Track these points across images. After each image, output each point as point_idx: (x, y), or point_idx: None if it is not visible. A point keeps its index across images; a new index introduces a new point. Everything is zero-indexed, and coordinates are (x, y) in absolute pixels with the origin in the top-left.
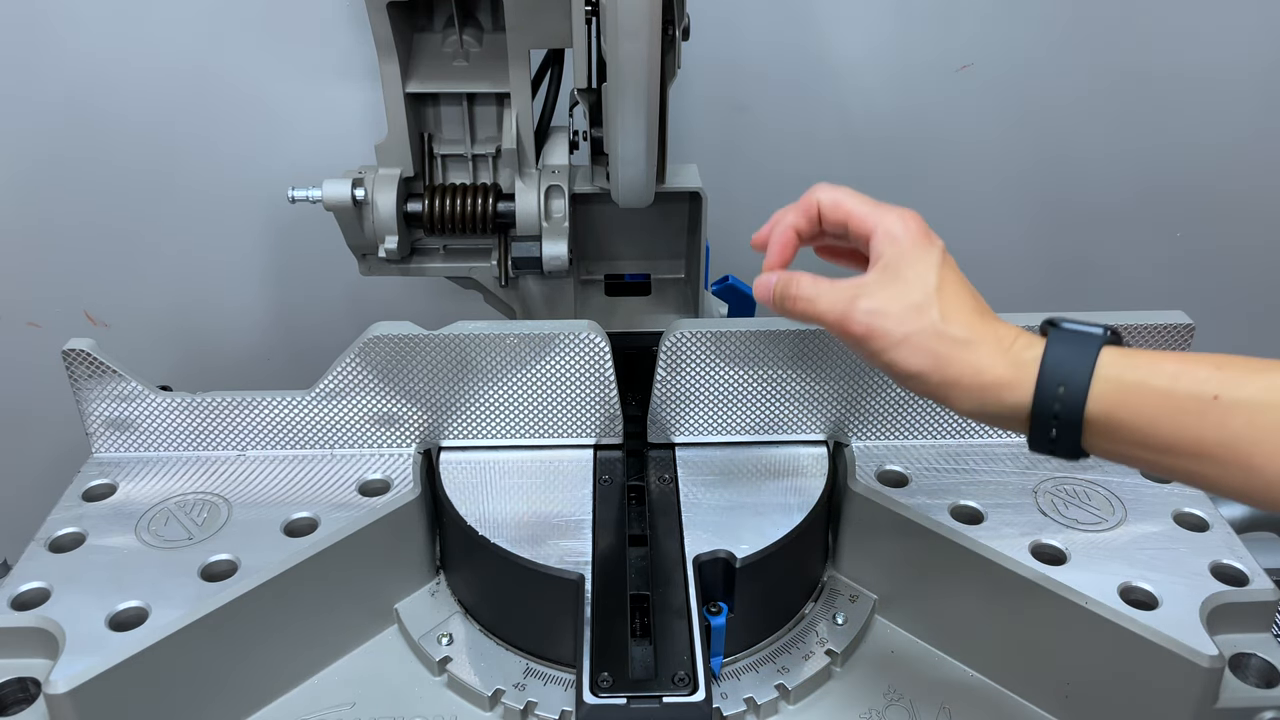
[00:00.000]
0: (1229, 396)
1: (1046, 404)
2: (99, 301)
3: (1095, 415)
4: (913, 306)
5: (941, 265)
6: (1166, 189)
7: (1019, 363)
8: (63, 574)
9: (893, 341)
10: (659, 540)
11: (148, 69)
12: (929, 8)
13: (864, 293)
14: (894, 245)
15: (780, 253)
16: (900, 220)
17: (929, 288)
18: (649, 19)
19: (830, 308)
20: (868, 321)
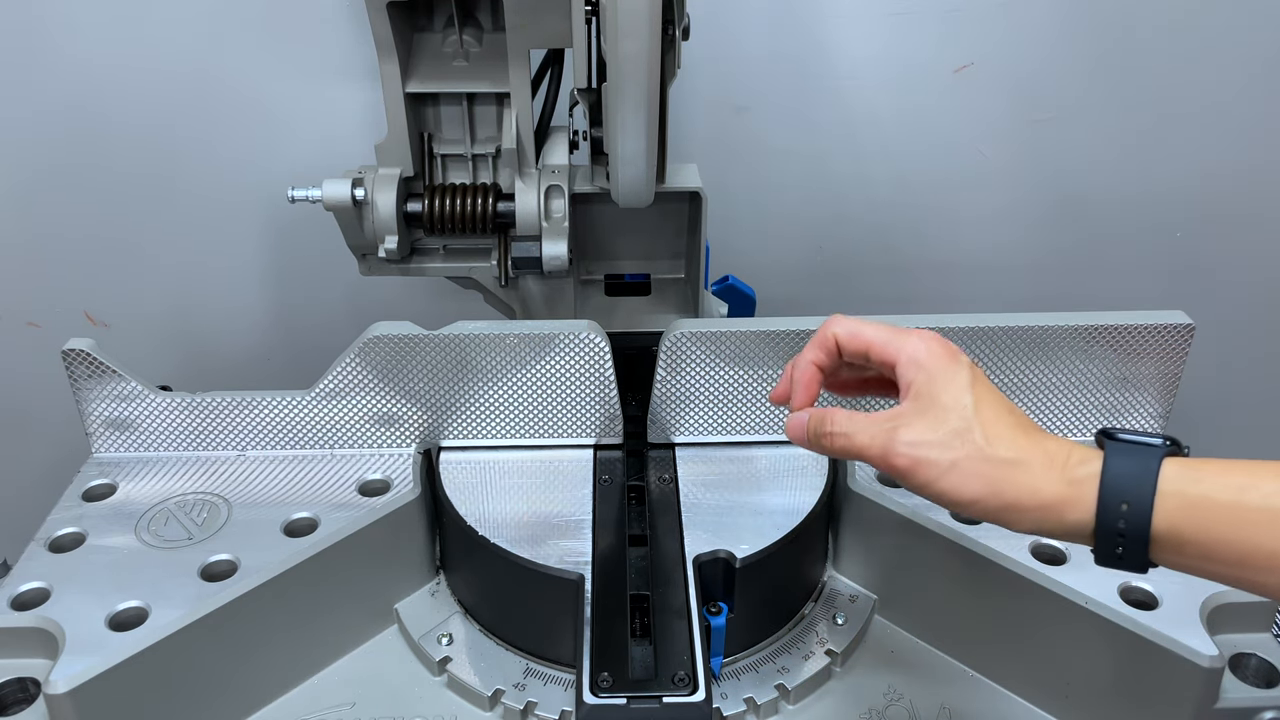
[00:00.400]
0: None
1: (1110, 522)
2: (99, 302)
3: (1161, 531)
4: (954, 432)
5: (973, 384)
6: (1166, 189)
7: (1076, 480)
8: (63, 574)
9: (941, 470)
10: (659, 540)
11: (148, 69)
12: (929, 8)
13: (902, 423)
14: (921, 370)
15: (805, 391)
16: (923, 343)
17: (966, 410)
18: (649, 19)
19: (870, 441)
20: (911, 454)
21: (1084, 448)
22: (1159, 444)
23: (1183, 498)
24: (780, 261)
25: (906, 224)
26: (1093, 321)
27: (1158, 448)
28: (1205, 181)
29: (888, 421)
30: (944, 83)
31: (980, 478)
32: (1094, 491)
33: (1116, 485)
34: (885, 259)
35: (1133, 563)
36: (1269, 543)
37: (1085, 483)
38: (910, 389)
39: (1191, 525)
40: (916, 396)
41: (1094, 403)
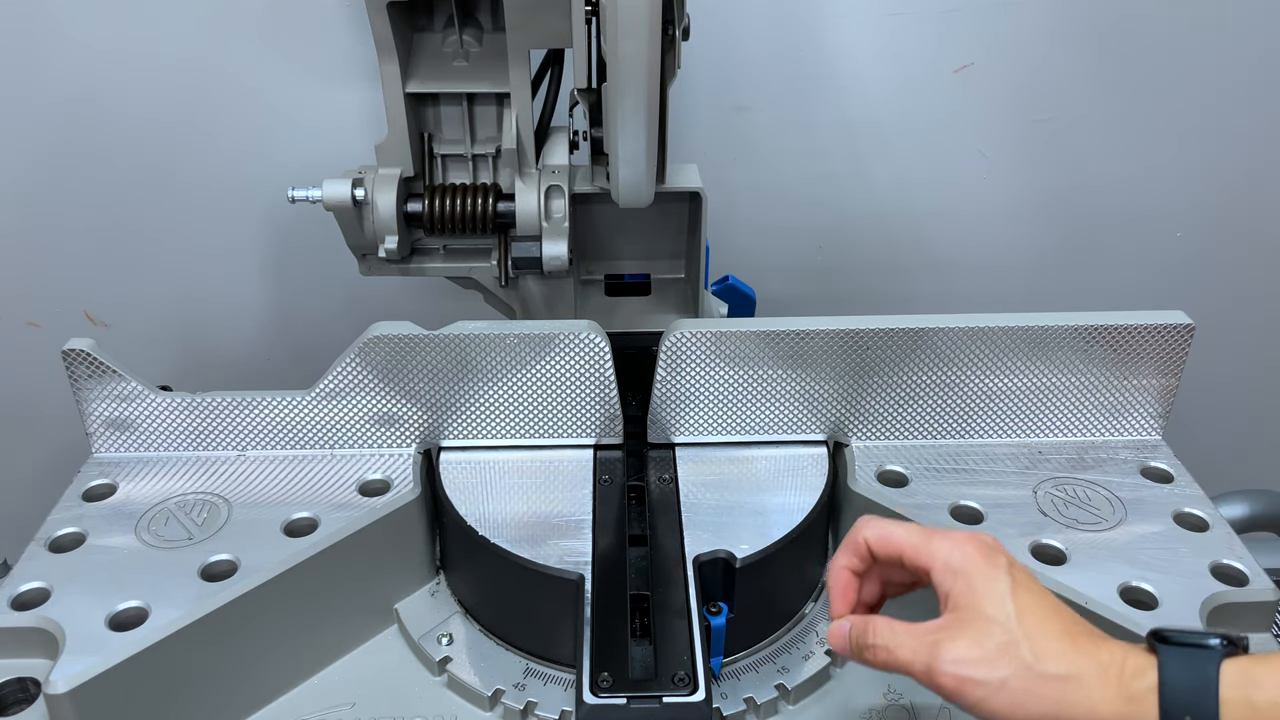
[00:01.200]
0: None
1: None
2: (99, 301)
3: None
4: (1000, 648)
5: (1014, 590)
6: (1166, 188)
7: (1134, 696)
8: (63, 574)
9: (990, 691)
10: (659, 540)
11: (148, 69)
12: (929, 8)
13: (945, 638)
14: (960, 579)
15: (843, 597)
16: (959, 549)
17: (1010, 622)
18: (649, 19)
19: (913, 657)
20: (957, 673)
21: (1138, 652)
22: (1216, 645)
23: (1249, 706)
24: (780, 261)
25: (906, 224)
26: (1092, 321)
27: (1215, 650)
28: (1205, 181)
29: (930, 635)
30: (944, 83)
31: (1035, 697)
32: (1154, 708)
33: (1178, 699)
34: (885, 259)
35: None
36: None
37: (1144, 699)
38: (949, 599)
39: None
40: (956, 608)
41: (1094, 403)
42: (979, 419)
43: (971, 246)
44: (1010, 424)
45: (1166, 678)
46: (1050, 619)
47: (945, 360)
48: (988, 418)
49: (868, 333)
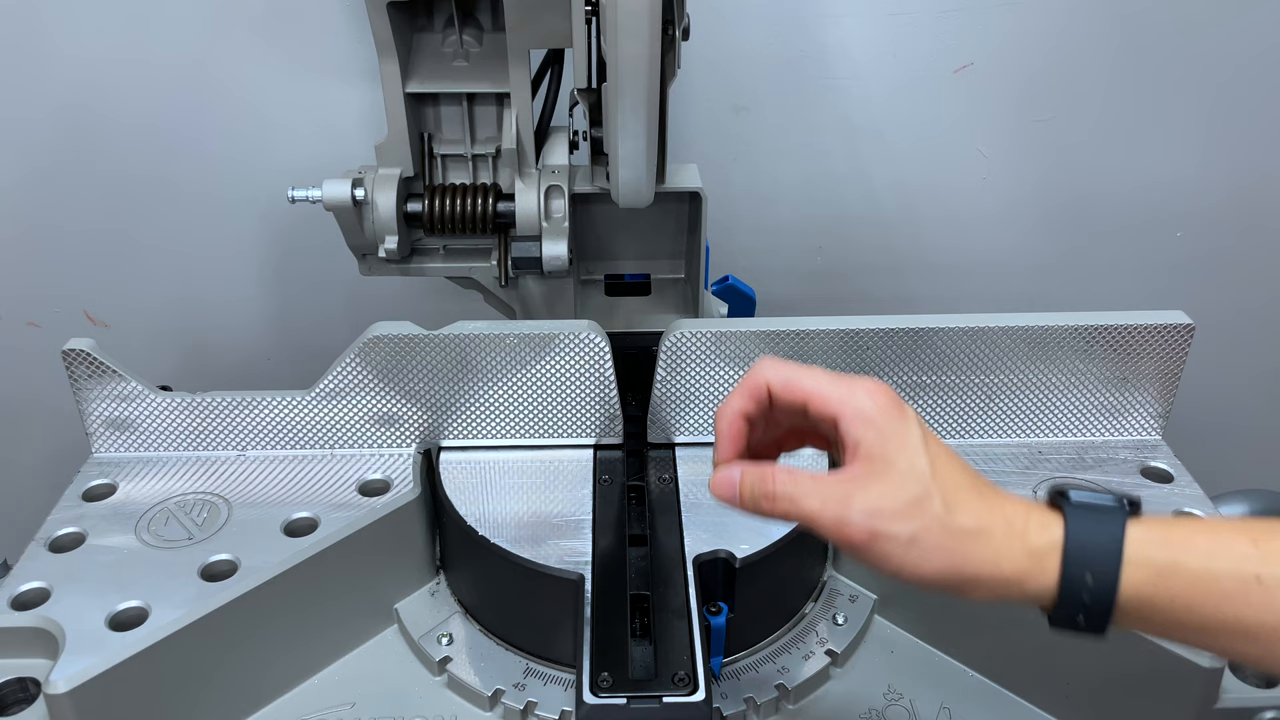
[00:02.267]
0: (1271, 574)
1: (1074, 594)
2: (99, 301)
3: (1128, 601)
4: (913, 500)
5: (925, 442)
6: (1166, 188)
7: (1038, 551)
8: (63, 574)
9: (900, 545)
10: (659, 540)
11: (148, 69)
12: (929, 8)
13: (857, 488)
14: (871, 428)
15: (733, 443)
16: (869, 397)
17: (924, 475)
18: (649, 19)
19: (821, 507)
20: (869, 525)
21: (1042, 509)
22: (1119, 506)
23: (1150, 566)
24: (780, 261)
25: (906, 224)
26: (1092, 321)
27: (1119, 510)
28: (1205, 181)
29: (840, 485)
30: (944, 83)
31: (942, 552)
32: (1056, 563)
33: (1080, 556)
34: (885, 259)
35: (1092, 629)
36: (1238, 610)
37: (1047, 554)
38: (859, 449)
39: (1161, 594)
40: (869, 458)
41: (1094, 403)
42: (979, 419)
43: (971, 246)
44: (1010, 424)
45: (1071, 535)
46: (960, 477)
47: (945, 360)
48: (988, 418)
49: (868, 333)
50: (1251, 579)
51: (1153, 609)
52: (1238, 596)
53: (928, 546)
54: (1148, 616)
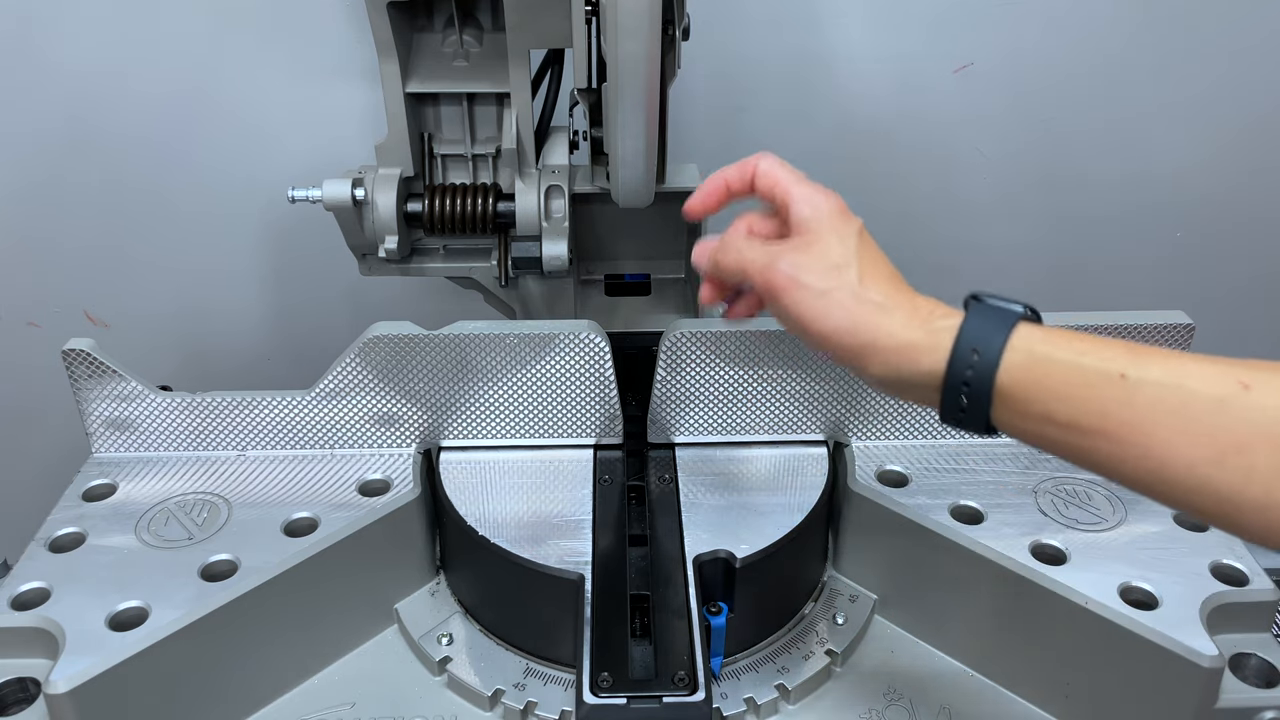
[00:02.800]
0: (1136, 375)
1: (959, 370)
2: (99, 301)
3: (1005, 385)
4: (832, 266)
5: (860, 238)
6: (1166, 189)
7: (935, 329)
8: (63, 574)
9: (810, 295)
10: (659, 540)
11: (147, 69)
12: (929, 8)
13: (789, 249)
14: (814, 212)
15: (706, 197)
16: (821, 193)
17: (849, 251)
18: (649, 19)
19: (756, 257)
20: (790, 273)
21: (951, 309)
22: (1018, 309)
23: (1029, 354)
24: None
25: (906, 224)
26: (1092, 321)
27: (1015, 312)
28: (1205, 181)
29: (777, 245)
30: (944, 83)
31: (845, 311)
32: (950, 342)
33: (970, 336)
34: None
35: (975, 417)
36: (1101, 404)
37: (943, 333)
38: (801, 225)
39: (1033, 381)
40: (806, 232)
41: None
42: None
43: (971, 246)
44: None
45: (967, 321)
46: (883, 269)
47: None
48: None
49: None
50: (1117, 375)
51: (1026, 398)
52: (1103, 389)
53: (834, 303)
54: (1021, 406)
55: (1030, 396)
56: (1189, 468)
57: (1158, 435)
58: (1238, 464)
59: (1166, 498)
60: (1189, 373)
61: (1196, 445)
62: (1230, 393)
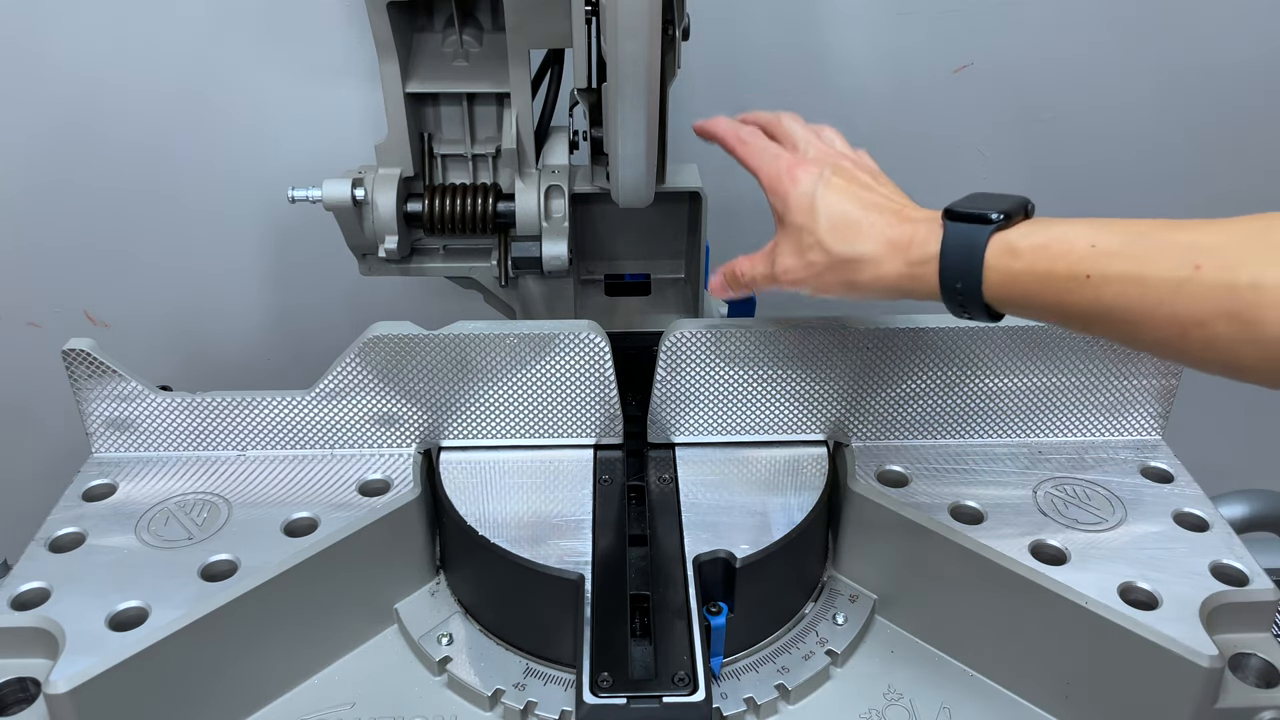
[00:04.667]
0: (1099, 273)
1: (952, 296)
2: (99, 301)
3: (993, 299)
4: (809, 248)
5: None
6: (1166, 189)
7: (918, 263)
8: (63, 574)
9: (809, 278)
10: (659, 540)
11: (147, 69)
12: (929, 8)
13: (776, 253)
14: (776, 198)
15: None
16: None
17: (814, 226)
18: (649, 19)
19: (764, 275)
20: (788, 278)
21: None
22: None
23: (1005, 272)
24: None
25: None
26: None
27: (987, 224)
28: (1205, 181)
29: (769, 255)
30: (944, 83)
31: (835, 277)
32: (934, 274)
33: (951, 268)
34: None
35: (981, 318)
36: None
37: (926, 266)
38: (776, 216)
39: (1016, 293)
40: (780, 223)
41: (1094, 403)
42: (979, 419)
43: None
44: (1010, 424)
45: (945, 249)
46: (849, 211)
47: (945, 360)
48: (988, 418)
49: (868, 332)
50: (1083, 276)
51: (1014, 304)
52: (1075, 291)
53: (826, 277)
54: (1013, 308)
55: (1016, 303)
56: (1159, 344)
57: (1129, 320)
58: (1199, 336)
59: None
60: (1145, 260)
61: (1160, 326)
62: (1185, 275)
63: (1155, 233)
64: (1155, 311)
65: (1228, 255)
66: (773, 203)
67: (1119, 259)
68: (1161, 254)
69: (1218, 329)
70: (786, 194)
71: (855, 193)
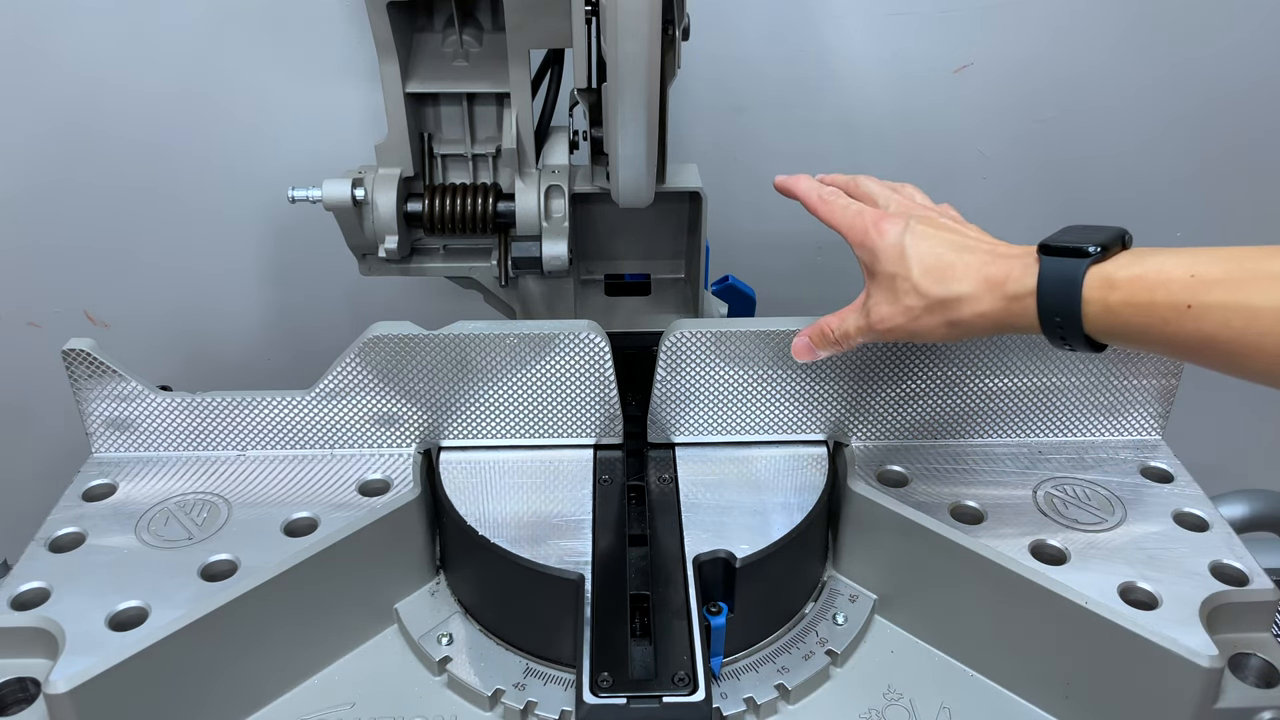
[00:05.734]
0: (1199, 302)
1: (1053, 330)
2: (99, 301)
3: (1094, 331)
4: (905, 294)
5: (907, 243)
6: (1166, 189)
7: (1016, 298)
8: (63, 574)
9: (908, 330)
10: (659, 540)
11: (147, 69)
12: (928, 8)
13: (871, 305)
14: (863, 251)
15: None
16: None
17: (908, 273)
18: (649, 19)
19: (859, 331)
20: (886, 327)
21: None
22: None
23: (1103, 305)
24: (780, 261)
25: None
26: None
27: (1084, 259)
28: (1205, 181)
29: (863, 308)
30: (944, 83)
31: (937, 317)
32: (1033, 308)
33: (1050, 303)
34: None
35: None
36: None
37: (1024, 300)
38: (866, 270)
39: (1117, 325)
40: (870, 274)
41: (1094, 403)
42: (979, 419)
43: None
44: (1010, 424)
45: (1042, 284)
46: (940, 253)
47: (945, 360)
48: (988, 418)
49: None
50: (1184, 307)
51: (1112, 334)
52: (1176, 323)
53: (926, 319)
54: (1112, 339)
55: (1117, 335)
56: (1265, 372)
57: (1234, 350)
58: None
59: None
60: (1248, 289)
61: (1268, 355)
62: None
63: (1255, 261)
64: (1261, 341)
65: None
66: (860, 256)
67: (1219, 288)
68: (1263, 282)
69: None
70: (874, 246)
71: (945, 237)
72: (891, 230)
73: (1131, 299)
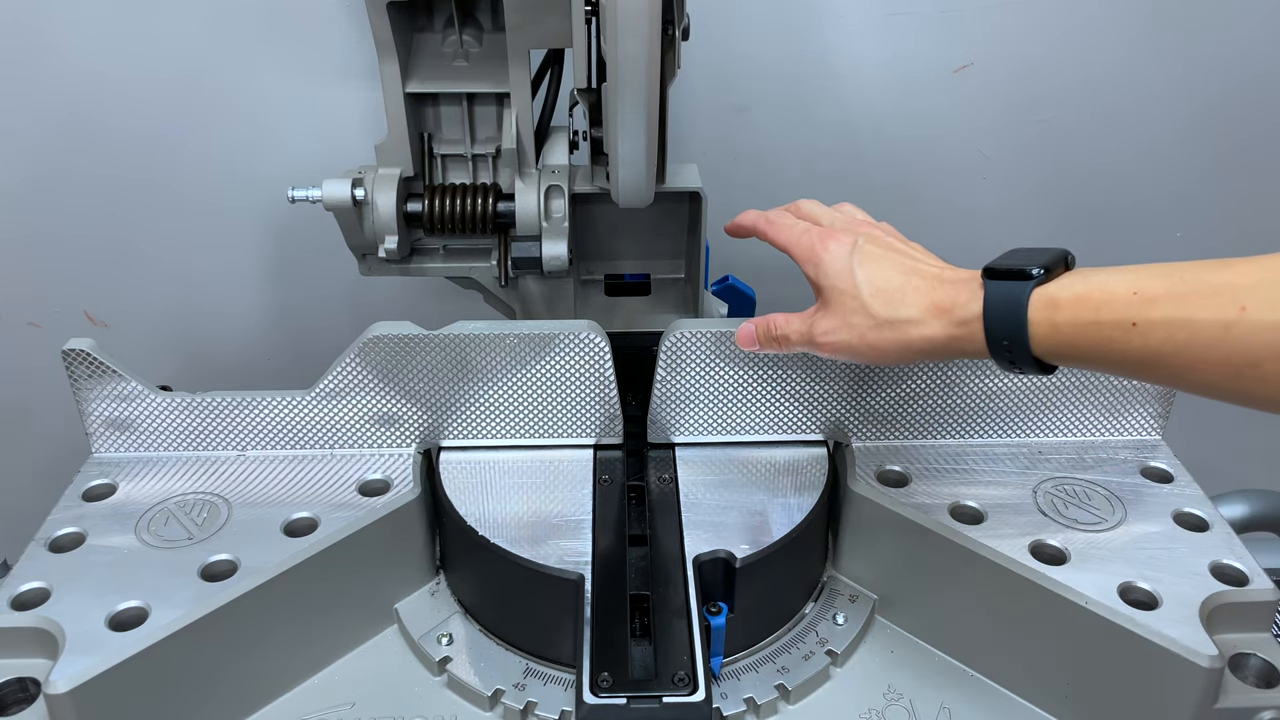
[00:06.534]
0: (1145, 319)
1: (1001, 354)
2: (99, 302)
3: (1041, 353)
4: (852, 312)
5: (856, 263)
6: (1166, 188)
7: (964, 323)
8: (63, 574)
9: (853, 341)
10: (659, 540)
11: (147, 69)
12: (928, 8)
13: (817, 317)
14: (810, 266)
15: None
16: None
17: (857, 291)
18: (649, 19)
19: (801, 336)
20: (827, 340)
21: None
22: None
23: (1050, 325)
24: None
25: (906, 224)
26: None
27: (1027, 283)
28: (1205, 181)
29: (808, 318)
30: (944, 83)
31: (885, 338)
32: (980, 331)
33: (996, 328)
34: None
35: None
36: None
37: (971, 323)
38: (814, 286)
39: (1064, 345)
40: (818, 289)
41: (1094, 403)
42: (979, 419)
43: (971, 246)
44: (1010, 424)
45: (988, 309)
46: (890, 276)
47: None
48: (988, 418)
49: None
50: (1129, 324)
51: (1060, 355)
52: (1121, 341)
53: (874, 338)
54: (1060, 359)
55: (1064, 355)
56: (1210, 385)
57: (1179, 365)
58: (1253, 376)
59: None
60: (1191, 303)
61: (1213, 368)
62: (1231, 318)
63: (1195, 275)
64: (1206, 355)
65: (1271, 294)
66: (807, 272)
67: (1162, 304)
68: (1205, 297)
69: (1271, 368)
70: (819, 260)
71: (893, 259)
72: (838, 247)
73: (1077, 318)
